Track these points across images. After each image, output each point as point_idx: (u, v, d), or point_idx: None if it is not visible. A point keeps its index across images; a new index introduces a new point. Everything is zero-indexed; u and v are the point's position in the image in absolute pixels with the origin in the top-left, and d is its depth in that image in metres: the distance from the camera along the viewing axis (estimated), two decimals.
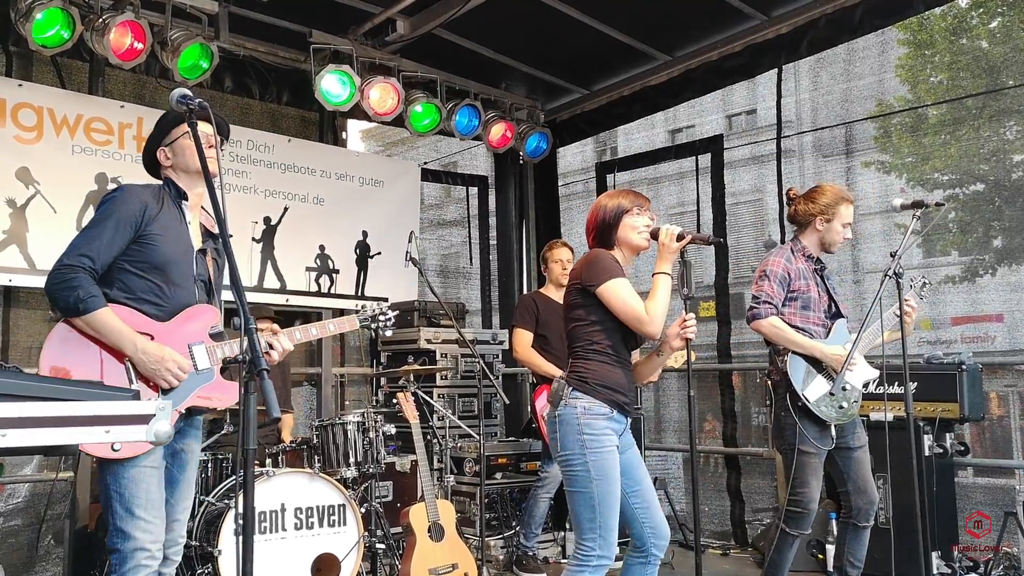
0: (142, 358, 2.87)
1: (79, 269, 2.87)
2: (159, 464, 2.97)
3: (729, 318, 6.70)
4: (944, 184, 7.75)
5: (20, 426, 1.75)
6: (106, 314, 2.85)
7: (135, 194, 3.02)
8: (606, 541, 3.22)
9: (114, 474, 2.87)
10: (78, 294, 2.82)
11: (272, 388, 2.26)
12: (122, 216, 2.95)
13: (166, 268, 3.00)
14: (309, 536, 4.59)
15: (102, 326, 2.85)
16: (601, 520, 3.21)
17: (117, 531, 2.89)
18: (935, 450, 5.10)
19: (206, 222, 3.26)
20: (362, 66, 6.13)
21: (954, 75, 7.66)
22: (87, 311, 2.82)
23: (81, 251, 2.90)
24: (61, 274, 2.87)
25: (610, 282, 3.31)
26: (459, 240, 8.24)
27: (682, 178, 7.40)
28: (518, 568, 5.68)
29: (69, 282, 2.84)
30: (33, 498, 5.38)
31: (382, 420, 5.23)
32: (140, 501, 2.88)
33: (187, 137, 3.05)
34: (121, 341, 2.86)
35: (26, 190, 5.25)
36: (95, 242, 2.91)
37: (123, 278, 2.97)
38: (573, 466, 3.26)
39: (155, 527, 2.93)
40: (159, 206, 3.06)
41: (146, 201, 3.02)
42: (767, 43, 6.27)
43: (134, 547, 2.87)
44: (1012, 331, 5.96)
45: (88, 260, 2.89)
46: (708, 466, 7.17)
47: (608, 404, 3.28)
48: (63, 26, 4.90)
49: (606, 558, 3.22)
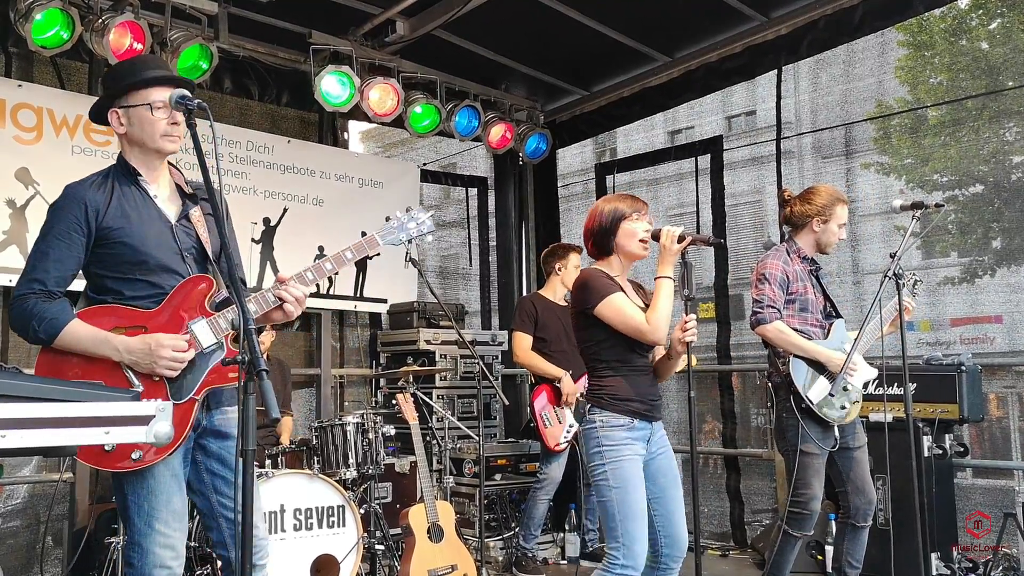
0: (131, 358, 2.66)
1: (29, 296, 2.70)
2: (179, 471, 2.78)
3: (729, 319, 6.69)
4: (943, 185, 7.76)
5: (19, 427, 1.75)
6: (73, 329, 2.66)
7: (73, 197, 2.78)
8: (630, 551, 3.21)
9: (132, 485, 2.71)
10: (33, 324, 2.65)
11: (271, 389, 2.20)
12: (61, 227, 2.74)
13: (147, 260, 2.77)
14: (308, 537, 4.58)
15: (74, 342, 2.66)
16: (623, 529, 3.23)
17: (135, 546, 2.72)
18: (934, 451, 5.09)
19: (179, 180, 2.98)
20: (362, 67, 6.13)
21: (954, 76, 7.67)
22: (51, 336, 2.65)
23: (30, 276, 2.73)
24: (14, 308, 2.72)
25: (605, 300, 3.33)
26: (458, 241, 8.24)
27: (681, 179, 7.39)
28: (517, 569, 5.67)
29: (22, 314, 2.68)
30: (32, 499, 5.38)
31: (381, 421, 5.23)
32: (160, 513, 2.71)
33: (147, 110, 2.79)
34: (102, 350, 2.66)
35: (26, 191, 5.25)
36: (42, 261, 2.73)
37: (112, 285, 2.78)
38: (596, 476, 3.33)
39: (176, 541, 2.75)
40: (108, 197, 2.80)
41: (87, 199, 2.76)
42: (767, 44, 6.26)
43: (154, 564, 2.69)
44: (1011, 332, 5.96)
45: (38, 284, 2.70)
46: (707, 467, 7.17)
47: (625, 415, 3.33)
48: (62, 27, 4.90)
49: (631, 568, 3.21)
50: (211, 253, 2.92)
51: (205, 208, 2.97)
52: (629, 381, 3.38)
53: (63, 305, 2.72)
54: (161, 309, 2.76)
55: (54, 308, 2.69)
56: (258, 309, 2.84)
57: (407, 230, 3.15)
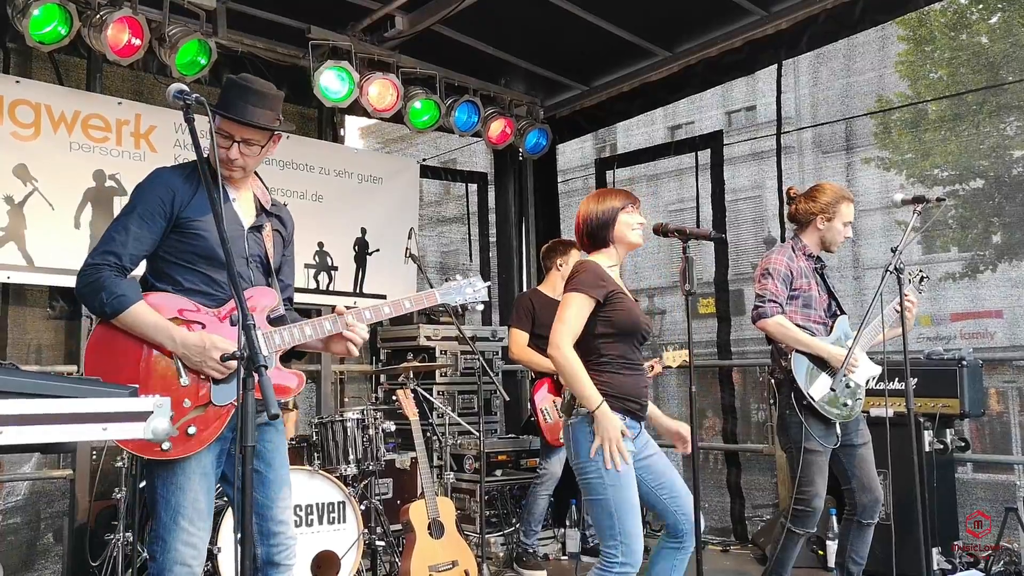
0: (184, 351, 2.72)
1: (103, 268, 2.74)
2: (210, 471, 2.81)
3: (729, 314, 6.69)
4: (944, 180, 7.74)
5: (16, 423, 1.74)
6: (138, 311, 2.71)
7: (162, 181, 2.85)
8: (629, 548, 3.19)
9: (162, 478, 2.74)
10: (102, 296, 2.70)
11: (271, 384, 2.19)
12: (147, 207, 2.80)
13: (216, 256, 2.82)
14: (309, 533, 4.58)
15: (135, 324, 2.71)
16: (621, 526, 3.20)
17: (159, 539, 2.74)
18: (935, 446, 5.09)
19: (262, 197, 3.07)
20: (361, 62, 6.11)
21: (954, 71, 7.64)
22: (116, 312, 2.70)
23: (107, 247, 2.77)
24: (86, 275, 2.75)
25: (576, 292, 3.34)
26: (458, 237, 8.22)
27: (681, 174, 7.38)
28: (518, 565, 5.67)
29: (93, 284, 2.72)
30: (32, 496, 5.37)
31: (382, 417, 5.23)
32: (186, 511, 2.73)
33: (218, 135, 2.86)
34: (159, 337, 2.72)
35: (24, 187, 5.23)
36: (120, 235, 2.78)
37: (171, 271, 2.85)
38: (588, 474, 3.26)
39: (199, 540, 2.77)
40: (194, 188, 2.86)
41: (175, 187, 2.84)
42: (767, 39, 6.25)
43: (174, 560, 2.72)
44: (1012, 327, 5.95)
45: (113, 257, 2.75)
46: (708, 462, 7.16)
47: (619, 413, 3.28)
48: (60, 22, 4.87)
49: (629, 565, 3.19)
50: (274, 268, 3.03)
51: (275, 225, 3.10)
52: (628, 378, 3.39)
53: (134, 284, 2.78)
54: (224, 312, 2.85)
55: (125, 285, 2.75)
56: (313, 334, 2.95)
57: (464, 294, 3.38)
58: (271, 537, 2.91)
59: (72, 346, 5.53)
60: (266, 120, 2.93)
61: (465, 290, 3.37)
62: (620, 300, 3.39)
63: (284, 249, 3.14)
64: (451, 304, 3.34)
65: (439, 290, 3.32)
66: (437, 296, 3.28)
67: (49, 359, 5.50)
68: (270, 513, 2.91)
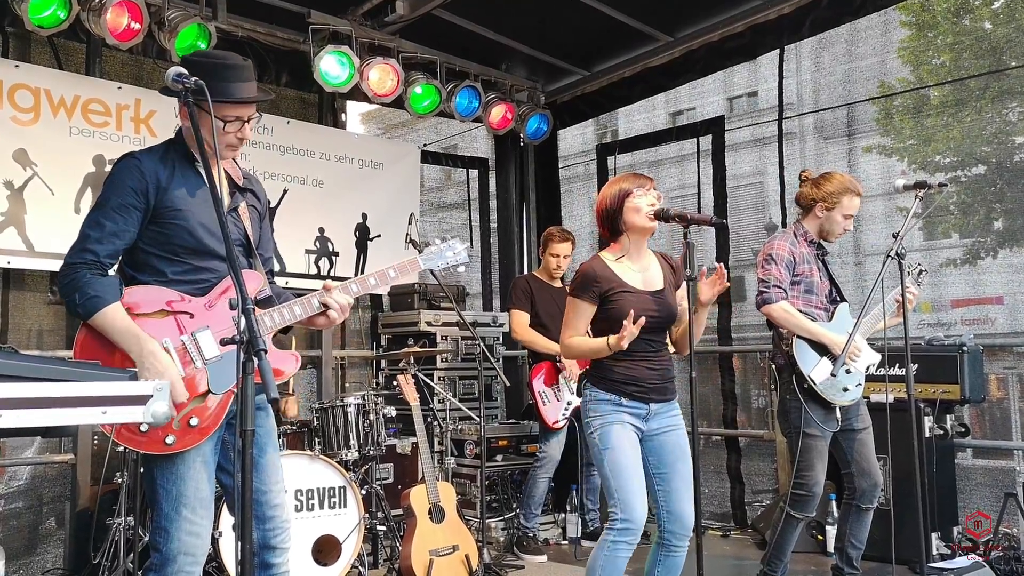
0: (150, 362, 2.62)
1: (79, 267, 2.67)
2: (210, 458, 2.79)
3: (730, 300, 6.69)
4: (946, 166, 7.71)
5: (16, 407, 1.74)
6: (109, 314, 2.63)
7: (136, 168, 2.75)
8: (628, 505, 3.36)
9: (161, 469, 2.71)
10: (75, 297, 2.64)
11: (270, 368, 2.17)
12: (121, 199, 2.71)
13: (200, 246, 2.78)
14: (310, 518, 4.59)
15: (105, 327, 2.64)
16: (617, 485, 3.39)
17: (161, 530, 2.71)
18: (935, 431, 5.10)
19: (233, 173, 3.00)
20: (361, 47, 6.09)
21: (956, 56, 7.59)
22: (88, 314, 2.63)
23: (83, 244, 2.69)
24: (63, 275, 2.70)
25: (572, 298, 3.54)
26: (459, 223, 8.21)
27: (683, 160, 7.36)
28: (519, 549, 5.69)
29: (70, 284, 2.66)
30: (34, 480, 5.38)
31: (382, 402, 5.23)
32: (188, 500, 2.70)
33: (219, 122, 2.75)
34: (127, 343, 2.64)
35: (24, 172, 5.22)
36: (95, 232, 2.69)
37: (153, 263, 2.78)
38: (592, 444, 3.52)
39: (203, 528, 2.75)
40: (170, 171, 2.79)
41: (149, 171, 2.75)
42: (769, 23, 6.22)
43: (177, 550, 2.69)
44: (1013, 313, 5.95)
45: (90, 255, 2.68)
46: (709, 447, 7.17)
47: (613, 393, 3.46)
48: (59, 6, 4.85)
49: (629, 521, 3.36)
50: (254, 246, 2.97)
51: (250, 200, 3.05)
52: (626, 367, 3.46)
53: (111, 283, 2.70)
54: (211, 300, 2.80)
55: (100, 285, 2.67)
56: (303, 313, 2.93)
57: (445, 258, 3.41)
58: (267, 521, 2.91)
59: (72, 331, 5.52)
60: (261, 92, 2.91)
61: (446, 253, 3.41)
62: (617, 296, 3.45)
63: (260, 223, 3.06)
64: (435, 269, 3.40)
65: (421, 256, 3.35)
66: (420, 263, 3.32)
67: (49, 344, 5.50)
68: (265, 498, 2.90)
